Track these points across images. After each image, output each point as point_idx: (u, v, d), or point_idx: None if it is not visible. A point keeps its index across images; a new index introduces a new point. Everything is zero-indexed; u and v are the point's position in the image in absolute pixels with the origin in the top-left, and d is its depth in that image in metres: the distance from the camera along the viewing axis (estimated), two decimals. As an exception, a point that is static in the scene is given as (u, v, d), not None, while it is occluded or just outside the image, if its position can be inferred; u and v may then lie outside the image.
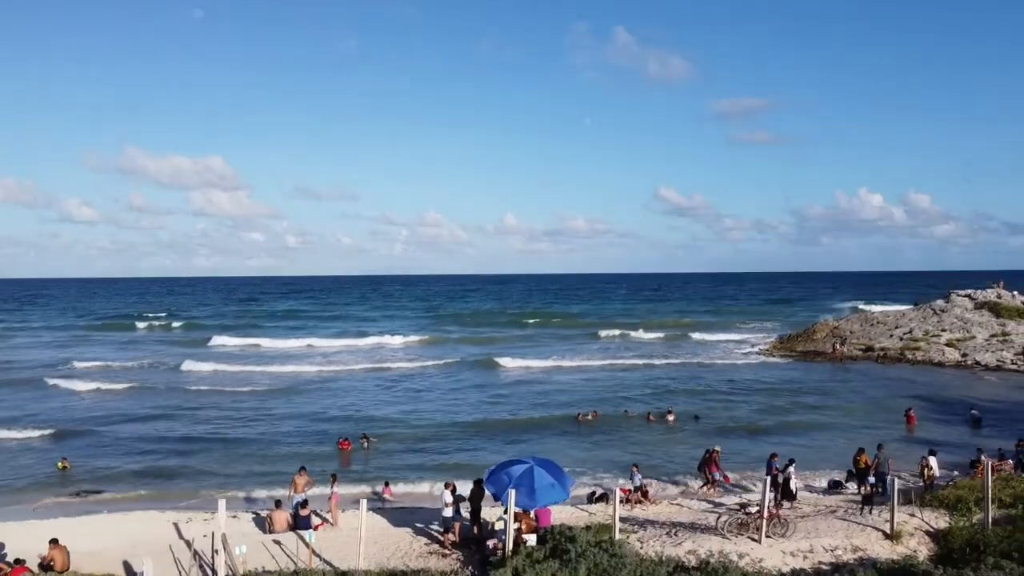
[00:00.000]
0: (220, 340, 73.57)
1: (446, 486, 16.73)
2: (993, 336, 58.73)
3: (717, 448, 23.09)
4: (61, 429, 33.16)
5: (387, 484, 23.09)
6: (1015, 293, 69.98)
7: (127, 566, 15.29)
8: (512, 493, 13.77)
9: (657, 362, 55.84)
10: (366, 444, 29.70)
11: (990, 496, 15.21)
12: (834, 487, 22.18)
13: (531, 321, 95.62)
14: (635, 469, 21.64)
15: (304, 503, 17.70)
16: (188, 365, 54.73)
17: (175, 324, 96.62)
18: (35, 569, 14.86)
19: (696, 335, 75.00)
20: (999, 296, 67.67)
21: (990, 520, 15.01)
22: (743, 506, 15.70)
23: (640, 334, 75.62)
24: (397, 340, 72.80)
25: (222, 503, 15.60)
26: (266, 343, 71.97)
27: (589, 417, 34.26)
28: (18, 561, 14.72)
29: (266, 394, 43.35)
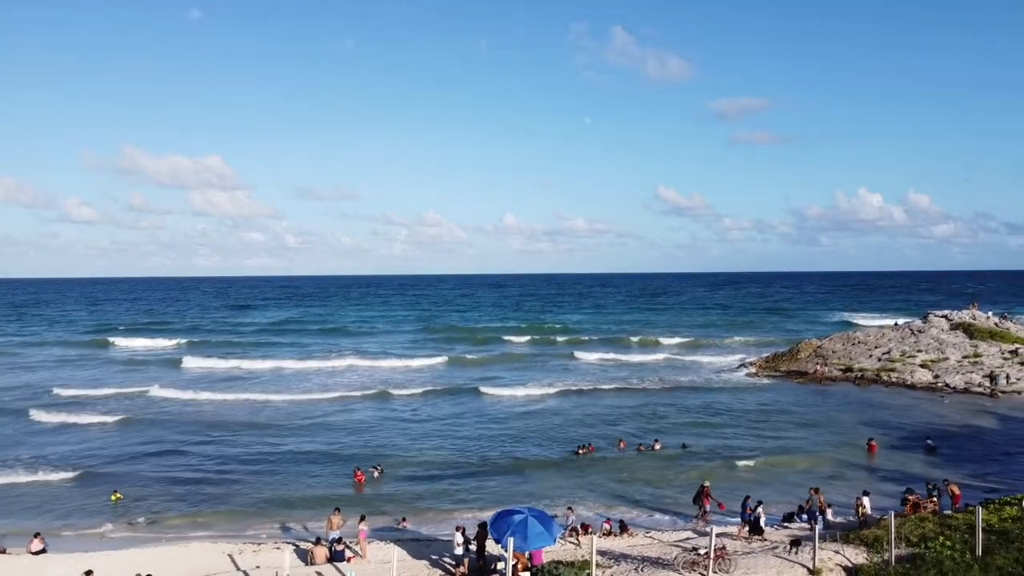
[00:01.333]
0: (209, 364, 74.51)
1: (457, 528, 20.56)
2: (965, 357, 62.30)
3: (707, 483, 27.12)
4: (87, 471, 34.86)
5: (404, 519, 26.81)
6: (989, 314, 73.65)
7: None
8: (511, 540, 17.48)
9: (649, 386, 58.89)
10: (376, 474, 33.39)
11: (893, 539, 18.92)
12: (787, 519, 25.89)
13: (525, 339, 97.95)
14: (569, 512, 25.29)
15: (339, 539, 21.44)
16: (176, 393, 55.64)
17: (164, 342, 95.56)
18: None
19: (686, 357, 77.90)
20: (974, 317, 71.27)
21: (893, 558, 18.69)
22: (695, 548, 19.47)
23: (631, 357, 78.47)
24: (393, 363, 74.00)
25: (287, 551, 19.21)
26: (262, 365, 73.15)
27: (584, 451, 37.58)
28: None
29: (271, 426, 44.96)
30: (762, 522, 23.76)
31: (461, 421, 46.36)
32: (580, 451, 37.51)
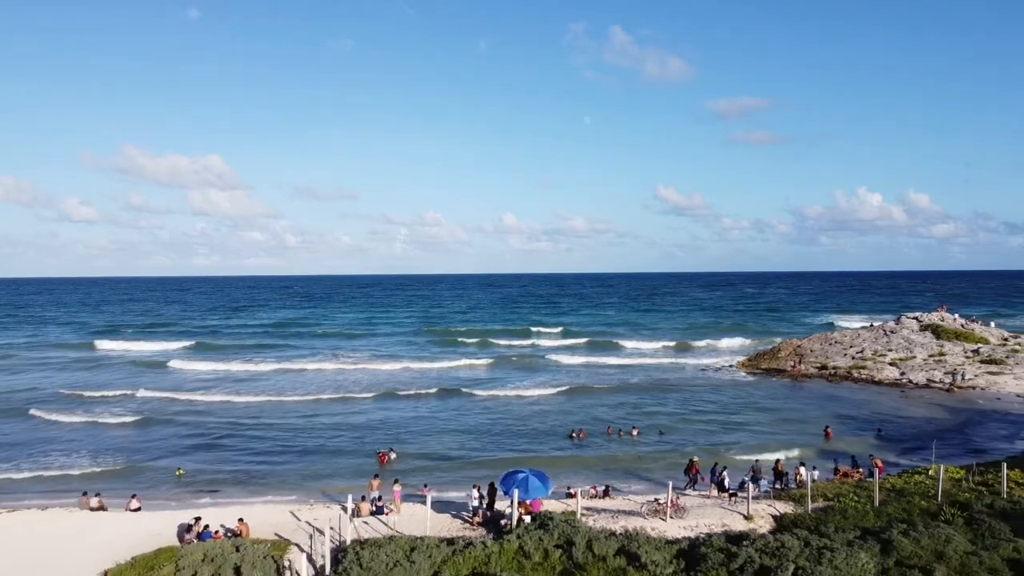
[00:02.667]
0: (216, 366, 78.10)
1: (473, 486, 26.28)
2: (931, 356, 67.93)
3: (696, 458, 33.11)
4: (133, 463, 38.69)
5: (425, 485, 32.45)
6: (956, 316, 79.25)
7: (279, 536, 24.58)
8: (516, 492, 23.12)
9: (641, 383, 64.38)
10: (393, 456, 39.08)
11: (810, 494, 24.59)
12: (742, 485, 31.53)
13: (524, 341, 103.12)
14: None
15: (379, 498, 27.11)
16: (190, 396, 58.15)
17: (171, 344, 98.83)
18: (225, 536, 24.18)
19: (676, 357, 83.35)
20: (942, 319, 76.93)
21: (810, 508, 24.33)
22: (656, 499, 25.11)
23: (624, 358, 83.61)
24: (396, 365, 77.42)
25: (348, 504, 24.82)
26: (271, 367, 76.76)
27: (576, 436, 43.21)
28: (215, 531, 24.10)
29: (293, 423, 48.82)
30: (726, 483, 29.60)
31: (464, 418, 50.92)
32: (573, 436, 43.11)
